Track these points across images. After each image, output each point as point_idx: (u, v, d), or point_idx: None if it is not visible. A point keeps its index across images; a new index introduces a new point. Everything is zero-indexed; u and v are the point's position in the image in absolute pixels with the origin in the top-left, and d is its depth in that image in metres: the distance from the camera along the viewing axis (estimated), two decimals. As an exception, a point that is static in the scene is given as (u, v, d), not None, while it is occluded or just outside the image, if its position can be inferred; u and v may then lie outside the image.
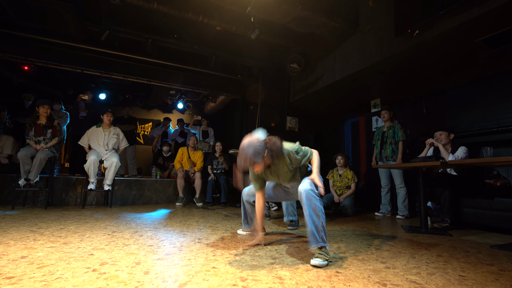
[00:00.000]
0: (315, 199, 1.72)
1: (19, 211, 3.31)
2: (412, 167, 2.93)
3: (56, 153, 3.95)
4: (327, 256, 1.62)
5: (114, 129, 4.32)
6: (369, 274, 1.46)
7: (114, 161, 3.99)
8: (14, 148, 4.06)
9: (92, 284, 1.20)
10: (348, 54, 4.32)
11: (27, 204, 3.90)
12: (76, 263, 1.47)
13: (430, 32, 3.17)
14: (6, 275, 1.26)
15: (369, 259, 1.77)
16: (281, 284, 1.28)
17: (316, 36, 4.59)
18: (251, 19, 4.07)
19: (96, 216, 3.12)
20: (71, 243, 1.87)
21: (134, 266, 1.46)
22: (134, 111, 7.60)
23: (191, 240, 2.10)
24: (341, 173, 4.32)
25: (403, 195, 3.93)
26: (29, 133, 3.79)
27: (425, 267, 1.64)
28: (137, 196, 4.65)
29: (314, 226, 1.68)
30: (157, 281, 1.25)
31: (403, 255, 1.90)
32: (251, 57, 5.44)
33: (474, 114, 3.83)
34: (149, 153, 8.01)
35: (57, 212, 3.31)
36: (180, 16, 3.94)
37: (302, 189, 1.76)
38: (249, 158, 1.66)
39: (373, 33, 3.89)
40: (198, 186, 4.66)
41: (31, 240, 1.93)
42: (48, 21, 4.12)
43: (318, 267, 1.55)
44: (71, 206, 4.06)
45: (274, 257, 1.72)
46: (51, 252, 1.65)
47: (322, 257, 1.59)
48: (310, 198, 1.72)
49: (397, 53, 3.55)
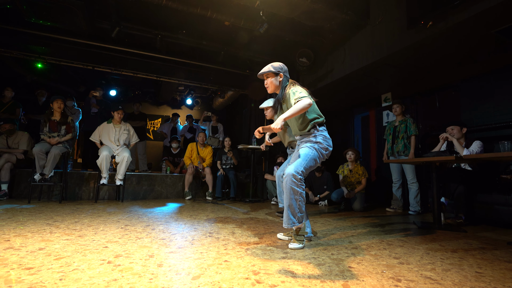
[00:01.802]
0: (294, 184, 1.78)
1: (35, 204, 3.40)
2: (425, 162, 2.87)
3: (69, 149, 4.03)
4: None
5: (125, 125, 4.38)
6: (382, 270, 1.45)
7: (125, 156, 4.04)
8: (29, 144, 4.16)
9: (107, 276, 1.22)
10: (359, 47, 4.24)
11: (42, 198, 4.00)
12: (92, 255, 1.50)
13: (444, 23, 3.07)
14: (26, 266, 1.30)
15: (381, 254, 1.75)
16: (293, 278, 1.28)
17: (326, 29, 4.51)
18: (260, 13, 4.04)
19: (108, 210, 3.18)
20: (86, 236, 1.92)
21: (148, 258, 1.48)
22: (144, 107, 7.67)
23: (202, 234, 2.12)
24: (352, 168, 4.27)
25: (415, 191, 3.86)
26: (43, 129, 3.88)
27: (440, 263, 1.61)
28: (148, 191, 4.72)
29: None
30: (170, 274, 1.27)
31: (416, 251, 1.87)
32: (259, 52, 5.40)
33: (489, 108, 3.71)
34: (158, 149, 8.11)
35: (71, 206, 3.39)
36: (189, 11, 3.93)
37: (286, 172, 1.82)
38: (270, 65, 2.00)
39: (384, 26, 3.80)
40: (209, 181, 4.70)
41: (47, 232, 1.98)
42: (60, 19, 4.17)
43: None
44: (84, 200, 4.15)
45: (286, 251, 1.72)
46: (67, 245, 1.69)
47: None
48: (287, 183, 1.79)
49: (409, 45, 3.46)
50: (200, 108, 8.84)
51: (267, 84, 2.04)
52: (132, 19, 4.43)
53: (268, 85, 2.03)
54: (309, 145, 1.92)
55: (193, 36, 4.80)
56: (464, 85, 4.04)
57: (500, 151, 2.37)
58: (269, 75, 2.01)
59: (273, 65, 2.00)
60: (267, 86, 2.04)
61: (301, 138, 2.04)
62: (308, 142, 1.95)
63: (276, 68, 2.00)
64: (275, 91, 2.06)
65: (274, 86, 2.02)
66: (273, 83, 2.01)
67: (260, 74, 2.05)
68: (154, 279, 1.20)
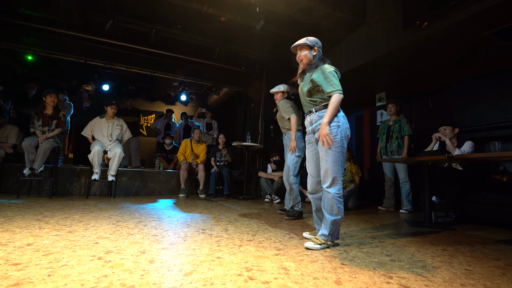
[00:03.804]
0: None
1: (24, 200, 3.33)
2: (418, 161, 2.90)
3: (60, 144, 3.95)
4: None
5: (118, 120, 4.31)
6: (374, 267, 1.46)
7: (117, 152, 3.99)
8: (18, 138, 4.07)
9: (97, 272, 1.20)
10: (354, 47, 4.25)
11: (32, 193, 3.93)
12: (82, 251, 1.48)
13: (439, 24, 3.09)
14: (13, 262, 1.27)
15: (373, 252, 1.76)
16: (286, 274, 1.28)
17: (322, 27, 4.51)
18: (256, 9, 4.02)
19: (100, 206, 3.14)
20: (76, 232, 1.88)
21: (139, 255, 1.46)
22: (137, 102, 7.56)
23: (195, 231, 2.10)
24: (345, 166, 4.30)
25: (407, 190, 3.91)
26: (35, 122, 3.79)
27: (430, 260, 1.63)
28: (141, 187, 4.67)
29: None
30: (162, 270, 1.26)
31: (407, 248, 1.89)
32: (255, 49, 5.37)
33: (482, 109, 3.77)
34: (152, 145, 8.02)
35: (62, 202, 3.33)
36: (185, 6, 3.88)
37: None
38: (305, 38, 2.02)
39: (380, 25, 3.82)
40: (201, 178, 4.67)
41: (36, 228, 1.94)
42: (51, 10, 4.08)
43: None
44: (75, 196, 4.08)
45: (278, 248, 1.72)
46: (57, 240, 1.65)
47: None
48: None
49: (404, 45, 3.48)
50: (194, 105, 8.77)
51: (300, 57, 2.04)
52: (126, 13, 4.35)
53: (302, 58, 2.03)
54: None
55: (188, 31, 4.74)
56: (457, 86, 4.09)
57: (491, 151, 2.41)
58: (304, 48, 2.02)
59: (309, 39, 2.02)
60: (300, 59, 2.05)
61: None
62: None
63: (312, 42, 2.01)
64: (308, 64, 2.07)
65: (308, 59, 2.03)
66: (307, 56, 2.01)
67: (294, 47, 2.05)
68: (145, 275, 1.18)
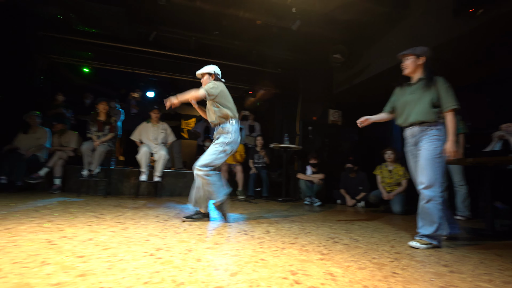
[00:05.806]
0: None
1: (83, 198, 3.69)
2: (478, 163, 2.62)
3: (113, 147, 4.32)
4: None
5: (162, 124, 4.58)
6: (430, 277, 1.34)
7: (162, 154, 4.23)
8: (78, 142, 4.53)
9: (151, 267, 1.27)
10: (397, 41, 4.00)
11: (90, 192, 4.33)
12: (135, 247, 1.58)
13: (496, 10, 2.78)
14: (78, 254, 1.40)
15: (428, 261, 1.62)
16: (333, 280, 1.24)
17: (361, 23, 4.32)
18: (292, 10, 3.98)
19: (148, 205, 3.35)
20: (129, 229, 2.03)
21: (187, 253, 1.52)
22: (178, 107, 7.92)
23: (237, 232, 2.13)
24: (391, 169, 4.05)
25: (463, 194, 3.55)
26: (91, 128, 4.20)
27: (498, 274, 1.45)
28: (184, 188, 4.89)
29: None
30: (209, 269, 1.29)
31: (468, 259, 1.71)
32: (291, 49, 5.33)
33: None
34: (192, 148, 8.35)
35: (115, 200, 3.62)
36: (222, 12, 4.00)
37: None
38: (414, 48, 2.06)
39: (425, 17, 3.55)
40: (240, 179, 4.74)
41: (95, 224, 2.13)
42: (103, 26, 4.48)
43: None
44: (125, 195, 4.41)
45: (323, 253, 1.67)
46: (113, 236, 1.79)
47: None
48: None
49: (455, 36, 3.19)
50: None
51: (406, 65, 2.11)
52: (167, 22, 4.60)
53: (408, 66, 2.09)
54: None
55: (225, 36, 4.87)
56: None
57: None
58: (410, 56, 2.08)
59: (416, 48, 2.07)
60: (405, 67, 2.11)
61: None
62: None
63: (419, 50, 2.06)
64: (412, 72, 2.11)
65: (413, 67, 2.08)
66: (412, 64, 2.07)
67: (401, 55, 2.12)
68: (193, 273, 1.23)
